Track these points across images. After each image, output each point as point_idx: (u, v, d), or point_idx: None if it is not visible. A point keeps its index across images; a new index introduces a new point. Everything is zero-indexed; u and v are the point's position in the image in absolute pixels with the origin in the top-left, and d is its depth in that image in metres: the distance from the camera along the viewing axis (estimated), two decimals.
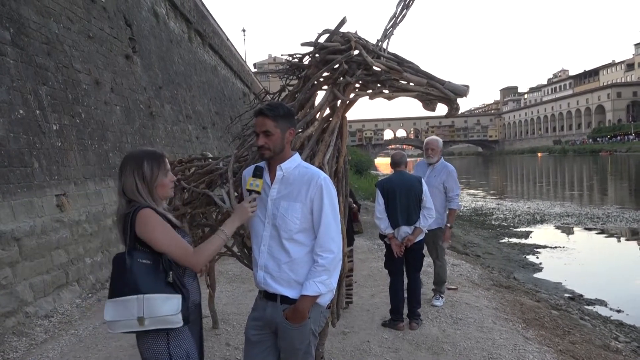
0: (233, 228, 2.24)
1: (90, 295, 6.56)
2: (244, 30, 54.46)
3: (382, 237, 5.11)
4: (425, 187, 4.98)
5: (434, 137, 6.02)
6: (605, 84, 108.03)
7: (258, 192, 2.30)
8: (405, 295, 5.02)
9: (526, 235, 12.81)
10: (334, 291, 2.37)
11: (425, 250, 5.33)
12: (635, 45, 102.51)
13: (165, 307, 1.98)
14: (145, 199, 2.12)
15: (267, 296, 2.35)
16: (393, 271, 5.01)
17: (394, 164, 5.11)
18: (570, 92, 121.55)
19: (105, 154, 8.35)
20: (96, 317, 5.61)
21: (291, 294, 2.28)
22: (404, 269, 5.05)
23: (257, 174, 2.31)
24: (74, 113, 7.51)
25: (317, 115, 3.26)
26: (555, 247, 11.16)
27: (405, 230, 4.91)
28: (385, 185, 4.97)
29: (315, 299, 2.27)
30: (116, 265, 2.06)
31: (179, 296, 2.01)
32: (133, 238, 2.06)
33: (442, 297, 5.63)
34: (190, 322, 2.08)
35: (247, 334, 2.42)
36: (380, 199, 4.93)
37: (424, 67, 3.08)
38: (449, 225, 5.64)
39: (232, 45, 30.41)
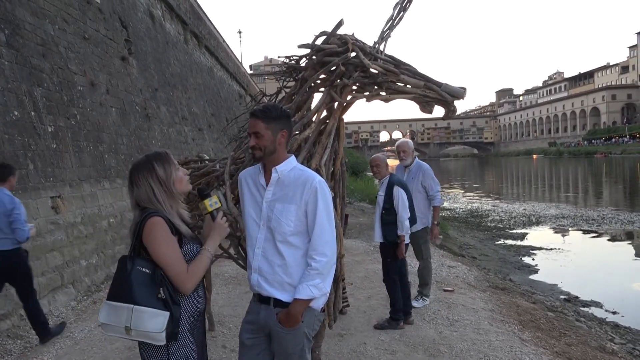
0: (215, 245, 2.24)
1: (85, 297, 6.53)
2: (240, 32, 54.33)
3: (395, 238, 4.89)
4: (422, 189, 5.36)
5: (404, 139, 6.15)
6: (600, 86, 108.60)
7: (220, 207, 2.30)
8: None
9: (522, 237, 12.84)
10: (328, 295, 2.36)
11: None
12: (630, 48, 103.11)
13: (151, 324, 1.96)
14: (162, 204, 2.10)
15: (261, 299, 2.34)
16: (403, 272, 5.05)
17: (387, 166, 5.13)
18: (565, 94, 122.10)
19: (101, 155, 8.32)
20: (91, 320, 5.59)
21: (284, 297, 2.27)
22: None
23: (205, 194, 2.29)
24: (69, 115, 7.48)
25: (314, 118, 3.26)
26: (551, 249, 11.19)
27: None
28: (403, 183, 4.99)
29: (309, 303, 2.25)
30: (119, 268, 2.06)
31: (167, 314, 1.98)
32: (138, 244, 2.05)
33: (424, 299, 5.62)
34: (178, 337, 2.05)
35: (242, 338, 2.40)
36: (406, 197, 4.84)
37: (420, 70, 3.09)
38: (435, 222, 5.65)
39: (228, 47, 30.40)
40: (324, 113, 3.28)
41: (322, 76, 3.23)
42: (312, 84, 3.28)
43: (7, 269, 4.61)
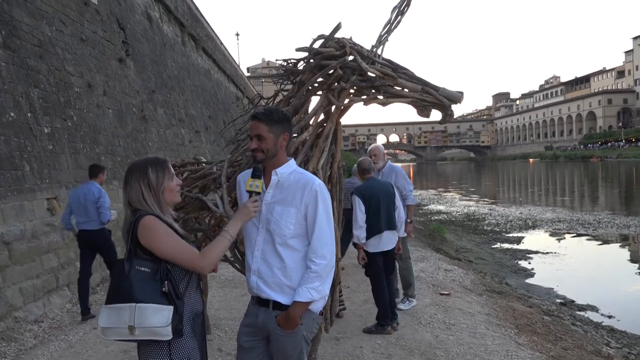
0: (237, 228, 2.21)
1: None
2: (237, 35, 54.38)
3: (356, 244, 5.08)
4: (395, 189, 5.26)
5: (375, 144, 6.38)
6: (596, 90, 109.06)
7: (258, 193, 2.27)
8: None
9: (518, 240, 12.86)
10: (327, 298, 2.36)
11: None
12: (626, 52, 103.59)
13: (155, 319, 1.95)
14: (150, 207, 2.10)
15: (260, 302, 2.33)
16: (378, 276, 5.03)
17: (364, 171, 5.14)
18: (561, 98, 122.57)
19: (97, 157, 8.30)
20: (86, 322, 5.56)
21: (284, 300, 2.27)
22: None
23: (257, 174, 2.28)
24: (66, 116, 7.46)
25: (312, 121, 3.25)
26: (547, 253, 11.21)
27: (387, 236, 4.99)
28: (365, 192, 4.94)
29: (308, 306, 2.25)
30: (115, 271, 2.05)
31: (171, 308, 1.97)
32: (134, 245, 2.04)
33: (410, 301, 5.64)
34: (183, 334, 2.04)
35: (240, 340, 2.40)
36: (362, 207, 4.88)
37: (418, 73, 3.09)
38: (409, 220, 5.74)
39: (226, 49, 30.40)
40: (322, 116, 3.27)
41: (320, 79, 3.23)
42: (310, 87, 3.28)
43: (95, 244, 5.89)
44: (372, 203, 4.90)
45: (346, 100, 3.19)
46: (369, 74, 3.07)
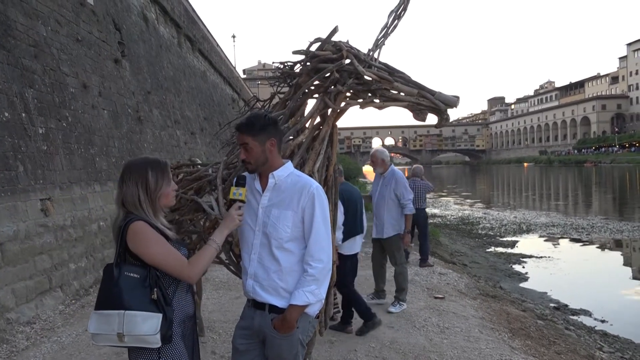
0: (223, 237, 2.22)
1: (73, 301, 6.46)
2: (233, 36, 54.51)
3: None
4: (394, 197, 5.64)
5: (377, 147, 6.32)
6: (590, 96, 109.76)
7: (242, 201, 2.29)
8: (339, 303, 5.16)
9: (512, 244, 12.90)
10: (323, 301, 2.36)
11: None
12: (620, 58, 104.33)
13: (145, 326, 1.94)
14: (145, 212, 2.08)
15: (256, 305, 2.33)
16: (351, 279, 5.08)
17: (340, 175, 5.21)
18: (556, 103, 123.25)
19: (92, 158, 8.27)
20: (79, 324, 5.53)
21: (280, 303, 2.27)
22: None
23: (240, 182, 2.31)
24: (61, 117, 7.42)
25: (308, 124, 3.25)
26: (541, 257, 11.25)
27: (360, 238, 5.14)
28: (344, 194, 4.96)
29: (304, 309, 2.25)
30: (105, 277, 2.03)
31: (160, 315, 1.96)
32: (124, 250, 2.03)
33: (400, 304, 5.66)
34: (172, 340, 2.04)
35: (235, 343, 2.39)
36: (342, 208, 4.89)
37: (414, 77, 3.10)
38: (407, 231, 5.80)
39: (222, 51, 30.40)
40: (318, 119, 3.27)
41: (316, 82, 3.23)
42: (306, 90, 3.28)
43: None
44: (350, 206, 5.00)
45: (342, 104, 3.19)
46: (366, 77, 3.07)
